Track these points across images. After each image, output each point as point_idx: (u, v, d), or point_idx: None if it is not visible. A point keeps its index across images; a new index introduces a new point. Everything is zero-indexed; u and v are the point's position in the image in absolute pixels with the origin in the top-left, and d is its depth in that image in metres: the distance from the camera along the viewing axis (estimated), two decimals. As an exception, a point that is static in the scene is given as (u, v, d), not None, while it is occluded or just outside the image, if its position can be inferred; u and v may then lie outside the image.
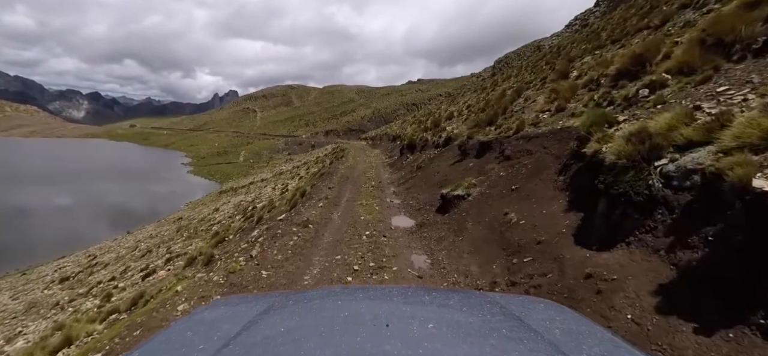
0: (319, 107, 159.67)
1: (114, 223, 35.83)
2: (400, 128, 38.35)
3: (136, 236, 28.56)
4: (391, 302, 1.06)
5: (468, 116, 17.11)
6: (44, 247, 28.23)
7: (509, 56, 58.39)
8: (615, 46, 12.22)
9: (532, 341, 0.82)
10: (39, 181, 55.07)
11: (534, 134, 7.06)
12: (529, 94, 12.87)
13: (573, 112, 7.15)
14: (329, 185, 11.86)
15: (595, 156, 4.01)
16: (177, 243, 18.01)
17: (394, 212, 7.75)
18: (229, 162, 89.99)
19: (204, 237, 15.52)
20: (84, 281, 16.77)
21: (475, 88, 43.61)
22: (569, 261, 3.39)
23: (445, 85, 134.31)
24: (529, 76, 20.18)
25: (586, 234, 3.57)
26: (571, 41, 25.14)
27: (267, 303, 1.11)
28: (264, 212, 13.02)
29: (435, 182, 9.32)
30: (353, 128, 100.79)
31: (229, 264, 5.07)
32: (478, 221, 5.47)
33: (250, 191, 34.67)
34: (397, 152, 20.31)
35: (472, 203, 6.14)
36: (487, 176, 6.91)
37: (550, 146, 6.17)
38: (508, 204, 5.28)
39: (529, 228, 4.33)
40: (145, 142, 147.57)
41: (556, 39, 44.86)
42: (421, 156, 14.32)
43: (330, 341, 0.78)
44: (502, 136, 8.64)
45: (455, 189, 6.64)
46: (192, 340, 0.91)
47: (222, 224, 18.56)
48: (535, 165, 6.00)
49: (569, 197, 4.38)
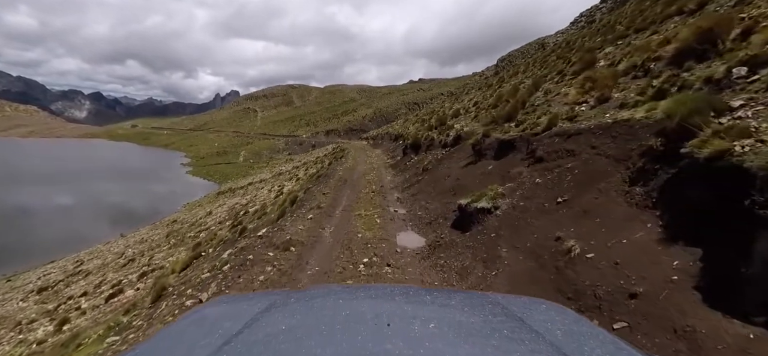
0: (320, 107, 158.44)
1: (110, 224, 34.78)
2: (402, 127, 36.90)
3: (128, 240, 27.47)
4: (392, 301, 1.05)
5: (477, 112, 15.67)
6: (42, 248, 27.34)
7: (513, 54, 59.35)
8: (642, 35, 10.87)
9: (534, 342, 0.80)
10: (36, 181, 53.96)
11: (574, 131, 5.61)
12: (549, 87, 11.41)
13: (623, 102, 5.70)
14: (324, 190, 10.42)
15: (718, 159, 2.56)
16: (161, 252, 16.65)
17: (399, 227, 6.32)
18: (228, 162, 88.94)
19: (188, 245, 14.14)
20: (60, 293, 15.51)
21: (479, 86, 42.24)
22: (709, 341, 1.96)
23: (446, 84, 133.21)
24: (540, 71, 18.82)
25: (730, 289, 2.14)
26: (580, 36, 23.73)
27: (268, 300, 1.10)
28: (252, 219, 11.62)
29: (447, 188, 7.89)
30: (354, 128, 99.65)
31: (174, 310, 3.65)
32: (516, 245, 4.03)
33: (247, 193, 33.54)
34: (400, 152, 18.85)
35: (502, 220, 4.70)
36: (517, 183, 5.46)
37: (603, 145, 4.73)
38: (558, 224, 3.84)
39: (605, 267, 2.90)
40: (145, 142, 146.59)
41: (561, 36, 45.41)
42: (427, 157, 12.88)
43: (331, 339, 0.77)
44: (528, 133, 7.19)
45: (478, 200, 5.20)
46: (193, 337, 0.90)
47: (210, 231, 17.19)
48: (584, 170, 4.57)
49: (665, 219, 2.94)
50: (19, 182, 53.16)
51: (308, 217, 6.95)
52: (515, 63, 47.86)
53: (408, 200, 8.68)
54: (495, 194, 5.14)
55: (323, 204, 8.33)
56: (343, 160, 23.61)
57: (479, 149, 8.64)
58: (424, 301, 1.05)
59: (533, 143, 6.55)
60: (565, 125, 6.33)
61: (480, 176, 7.28)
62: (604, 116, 5.67)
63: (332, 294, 1.13)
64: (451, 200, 6.86)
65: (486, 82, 41.75)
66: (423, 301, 1.04)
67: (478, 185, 6.88)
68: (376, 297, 1.13)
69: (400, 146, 23.88)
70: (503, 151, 7.61)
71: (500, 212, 4.86)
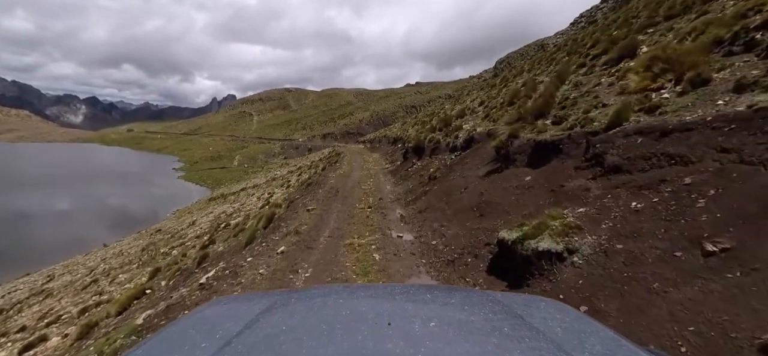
0: (317, 110, 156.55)
1: (92, 233, 32.44)
2: (401, 130, 35.00)
3: (107, 251, 25.52)
4: (393, 300, 1.04)
5: (487, 112, 13.76)
6: (26, 258, 25.22)
7: (511, 56, 59.65)
8: (680, 19, 9.21)
9: (534, 339, 0.80)
10: (21, 187, 51.36)
11: (675, 126, 3.68)
12: (579, 79, 9.52)
13: (741, 83, 3.81)
14: (310, 204, 8.43)
15: None
16: (127, 271, 14.58)
17: (407, 267, 4.33)
18: (222, 167, 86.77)
19: (159, 264, 12.10)
20: (10, 319, 13.46)
21: (480, 87, 40.50)
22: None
23: (444, 87, 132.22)
24: (551, 67, 17.10)
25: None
26: (588, 34, 22.03)
27: (269, 301, 1.08)
28: (227, 237, 9.63)
29: (467, 205, 5.93)
30: (351, 131, 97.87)
31: None
32: (640, 338, 2.08)
33: (237, 200, 31.70)
34: (400, 157, 16.90)
35: (589, 277, 2.75)
36: (595, 207, 3.51)
37: (747, 146, 2.84)
38: (730, 302, 1.91)
39: None
40: (137, 146, 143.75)
41: (561, 37, 45.46)
42: (433, 162, 10.96)
43: (332, 339, 0.77)
44: (579, 131, 5.28)
45: (534, 236, 3.25)
46: (194, 338, 0.89)
47: (184, 246, 15.16)
48: (730, 187, 2.66)
49: None
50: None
51: (278, 250, 4.95)
52: (515, 64, 47.62)
53: (415, 219, 6.72)
54: (564, 227, 3.19)
55: (305, 226, 6.35)
56: (338, 164, 21.64)
57: (506, 153, 6.71)
58: (424, 300, 1.04)
59: (595, 144, 4.62)
60: (643, 119, 4.42)
61: (515, 190, 5.33)
62: (717, 104, 3.76)
63: (333, 293, 1.13)
64: (479, 225, 4.92)
65: (487, 83, 40.10)
66: (423, 300, 1.04)
67: (515, 204, 4.93)
68: (377, 296, 1.12)
69: (399, 149, 21.89)
70: (543, 156, 5.69)
71: (581, 261, 2.91)
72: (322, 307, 0.99)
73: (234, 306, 1.15)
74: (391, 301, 1.02)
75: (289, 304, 1.04)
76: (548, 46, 47.85)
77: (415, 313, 0.89)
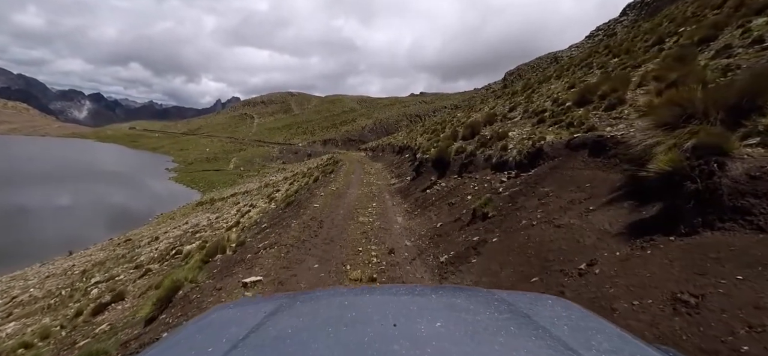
0: (319, 116, 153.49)
1: (63, 237, 28.47)
2: (408, 138, 31.32)
3: (68, 262, 21.83)
4: (398, 301, 1.03)
5: (539, 116, 10.07)
6: None
7: (522, 68, 56.73)
8: None
9: (541, 338, 0.78)
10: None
11: None
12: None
13: None
14: (256, 267, 4.68)
15: None
16: (19, 319, 10.71)
17: None
18: (217, 169, 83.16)
19: (59, 318, 8.29)
20: None
21: (497, 95, 37.08)
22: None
23: (449, 98, 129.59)
24: (580, 73, 13.69)
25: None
26: (616, 43, 18.63)
27: (275, 304, 1.07)
28: (171, 266, 5.93)
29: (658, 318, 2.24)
30: (353, 138, 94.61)
31: None
32: None
33: (220, 209, 28.02)
34: (410, 170, 13.16)
35: None
36: None
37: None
38: None
39: None
40: (133, 144, 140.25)
41: (576, 50, 42.20)
42: (470, 185, 7.26)
43: (338, 341, 0.76)
44: None
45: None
46: (200, 343, 0.88)
47: (139, 269, 11.26)
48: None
49: None
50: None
51: None
52: (523, 76, 45.44)
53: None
54: None
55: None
56: (333, 175, 17.91)
57: (705, 187, 3.00)
58: (430, 300, 1.03)
59: None
60: None
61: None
62: None
63: (338, 295, 1.12)
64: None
65: (504, 92, 36.71)
66: (429, 300, 1.03)
67: None
68: (383, 297, 1.10)
69: (407, 160, 18.12)
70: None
71: None
72: (328, 309, 0.99)
73: (239, 311, 1.13)
74: (397, 302, 1.01)
75: (295, 307, 1.04)
76: (562, 58, 46.23)
77: (421, 314, 0.88)
